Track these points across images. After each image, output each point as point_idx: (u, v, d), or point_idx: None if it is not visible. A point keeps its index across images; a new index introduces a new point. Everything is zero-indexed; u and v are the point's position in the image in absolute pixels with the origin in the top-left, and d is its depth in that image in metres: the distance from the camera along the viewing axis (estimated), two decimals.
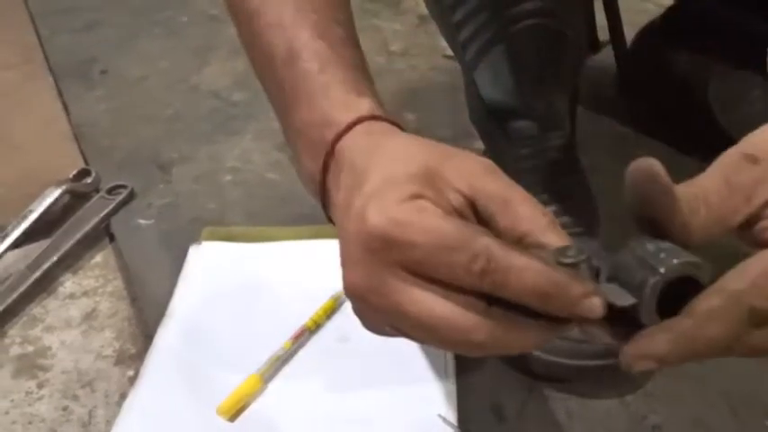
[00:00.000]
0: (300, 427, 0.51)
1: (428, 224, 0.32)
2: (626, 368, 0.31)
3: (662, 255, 0.30)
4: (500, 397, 0.54)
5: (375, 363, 0.55)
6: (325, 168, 0.39)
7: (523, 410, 0.53)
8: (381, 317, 0.35)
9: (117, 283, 0.66)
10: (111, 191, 0.75)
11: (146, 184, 0.77)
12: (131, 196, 0.75)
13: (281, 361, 0.55)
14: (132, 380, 0.55)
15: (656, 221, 0.32)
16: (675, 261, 0.30)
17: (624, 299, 0.31)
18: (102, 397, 0.55)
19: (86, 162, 0.81)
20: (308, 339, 0.57)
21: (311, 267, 0.63)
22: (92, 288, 0.65)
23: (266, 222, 0.70)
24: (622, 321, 0.31)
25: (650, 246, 0.31)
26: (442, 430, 0.50)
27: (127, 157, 0.83)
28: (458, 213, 0.34)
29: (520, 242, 0.33)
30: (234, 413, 0.51)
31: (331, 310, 0.59)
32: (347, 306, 0.60)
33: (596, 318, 0.31)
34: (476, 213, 0.34)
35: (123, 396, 0.54)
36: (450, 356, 0.55)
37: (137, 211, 0.74)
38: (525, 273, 0.30)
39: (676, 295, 0.30)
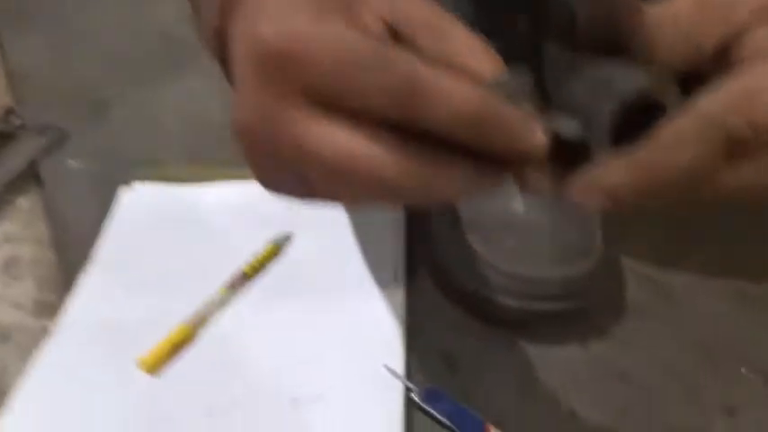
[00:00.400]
0: (230, 382, 0.46)
1: (335, 36, 0.25)
2: (571, 200, 0.26)
3: (620, 76, 0.25)
4: (453, 345, 0.50)
5: (317, 310, 0.50)
6: (223, 13, 0.33)
7: (478, 357, 0.49)
8: (278, 162, 0.28)
9: (42, 229, 0.60)
10: (40, 131, 0.69)
11: (80, 124, 0.71)
12: (63, 137, 0.69)
13: (214, 309, 0.50)
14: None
15: (614, 43, 0.27)
16: (637, 81, 0.25)
17: (573, 128, 0.26)
18: (15, 350, 0.50)
19: (16, 100, 0.74)
20: (245, 286, 0.52)
21: (252, 210, 0.58)
22: (14, 234, 0.60)
23: (206, 163, 0.65)
24: (570, 161, 0.26)
25: (607, 67, 0.26)
26: (388, 382, 0.46)
27: (61, 95, 0.76)
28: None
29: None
30: (157, 367, 0.47)
31: (271, 255, 0.54)
32: (290, 250, 0.55)
33: (538, 151, 0.25)
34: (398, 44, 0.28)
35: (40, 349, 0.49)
36: (399, 303, 0.50)
37: (68, 154, 0.68)
38: (455, 95, 0.25)
39: (637, 129, 0.25)
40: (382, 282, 0.52)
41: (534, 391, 0.47)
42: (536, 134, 0.25)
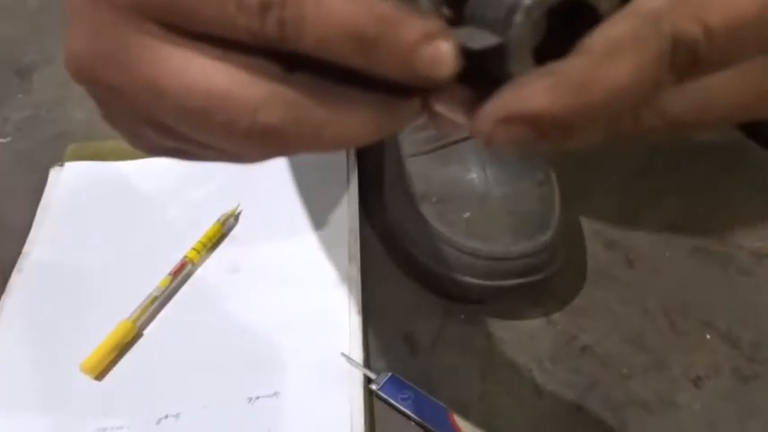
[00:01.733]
0: (183, 381, 0.44)
1: None
2: (482, 138, 0.20)
3: None
4: (413, 325, 0.48)
5: (270, 296, 0.48)
6: None
7: (439, 338, 0.47)
8: (130, 105, 0.22)
9: None
10: None
11: (1, 93, 0.66)
12: None
13: (158, 302, 0.47)
14: None
15: None
16: None
17: (486, 41, 0.20)
18: None
19: None
20: (190, 274, 0.49)
21: (194, 187, 0.55)
22: None
23: None
24: (484, 83, 0.20)
25: None
26: (346, 370, 0.44)
27: None
28: None
29: None
30: (102, 370, 0.44)
31: (217, 237, 0.51)
32: (237, 231, 0.52)
33: (445, 73, 0.19)
34: None
35: None
36: (355, 284, 0.48)
37: None
38: (334, 6, 0.19)
39: (564, 42, 0.20)
40: (336, 261, 0.49)
41: (497, 371, 0.45)
42: (441, 50, 0.19)
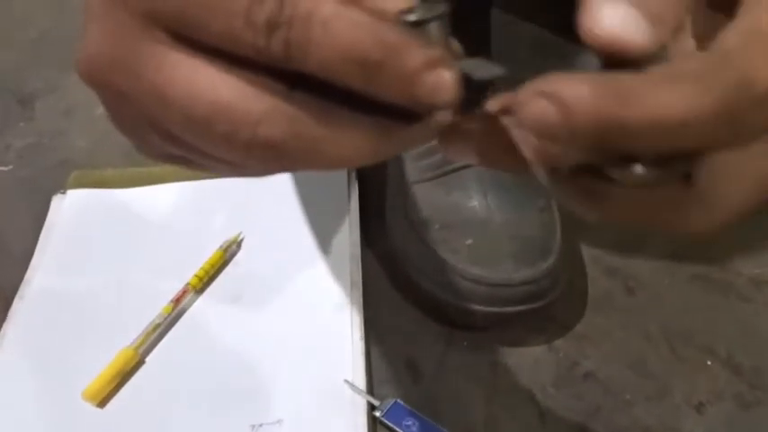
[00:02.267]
0: (185, 409, 0.44)
1: None
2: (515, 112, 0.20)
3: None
4: (416, 351, 0.48)
5: (273, 323, 0.48)
6: None
7: (442, 364, 0.47)
8: (137, 110, 0.23)
9: None
10: None
11: (3, 121, 0.66)
12: None
13: (160, 329, 0.47)
14: None
15: None
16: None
17: (491, 70, 0.21)
18: None
19: None
20: (192, 301, 0.49)
21: (197, 214, 0.55)
22: None
23: (146, 161, 0.61)
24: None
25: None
26: (350, 397, 0.44)
27: None
28: None
29: None
30: (103, 397, 0.44)
31: (219, 264, 0.51)
32: (239, 258, 0.52)
33: (446, 100, 0.20)
34: None
35: None
36: (358, 310, 0.48)
37: None
38: (337, 24, 0.19)
39: None
40: (338, 288, 0.49)
41: (501, 397, 0.45)
42: (442, 78, 0.20)
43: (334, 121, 0.21)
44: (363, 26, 0.19)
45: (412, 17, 0.20)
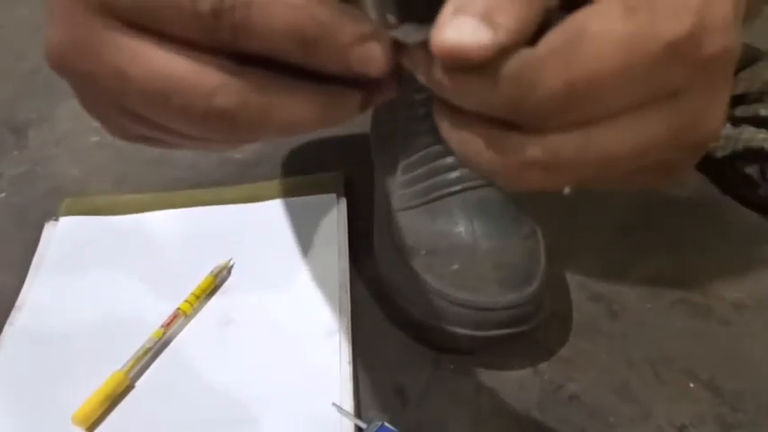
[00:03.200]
0: None
1: None
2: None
3: None
4: (402, 376, 0.48)
5: (262, 348, 0.48)
6: None
7: (429, 388, 0.48)
8: (101, 91, 0.25)
9: None
10: None
11: None
12: None
13: (150, 354, 0.47)
14: None
15: None
16: None
17: (420, 34, 0.22)
18: None
19: None
20: (183, 326, 0.50)
21: (186, 240, 0.56)
22: None
23: (137, 189, 0.62)
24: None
25: None
26: (337, 420, 0.44)
27: None
28: None
29: None
30: (93, 421, 0.44)
31: (210, 289, 0.52)
32: (230, 283, 0.53)
33: (377, 68, 0.23)
34: None
35: None
36: (346, 335, 0.49)
37: None
38: (275, 7, 0.21)
39: None
40: (326, 313, 0.50)
41: (487, 421, 0.46)
42: (370, 51, 0.22)
43: (281, 90, 0.23)
44: (299, 7, 0.22)
45: None
